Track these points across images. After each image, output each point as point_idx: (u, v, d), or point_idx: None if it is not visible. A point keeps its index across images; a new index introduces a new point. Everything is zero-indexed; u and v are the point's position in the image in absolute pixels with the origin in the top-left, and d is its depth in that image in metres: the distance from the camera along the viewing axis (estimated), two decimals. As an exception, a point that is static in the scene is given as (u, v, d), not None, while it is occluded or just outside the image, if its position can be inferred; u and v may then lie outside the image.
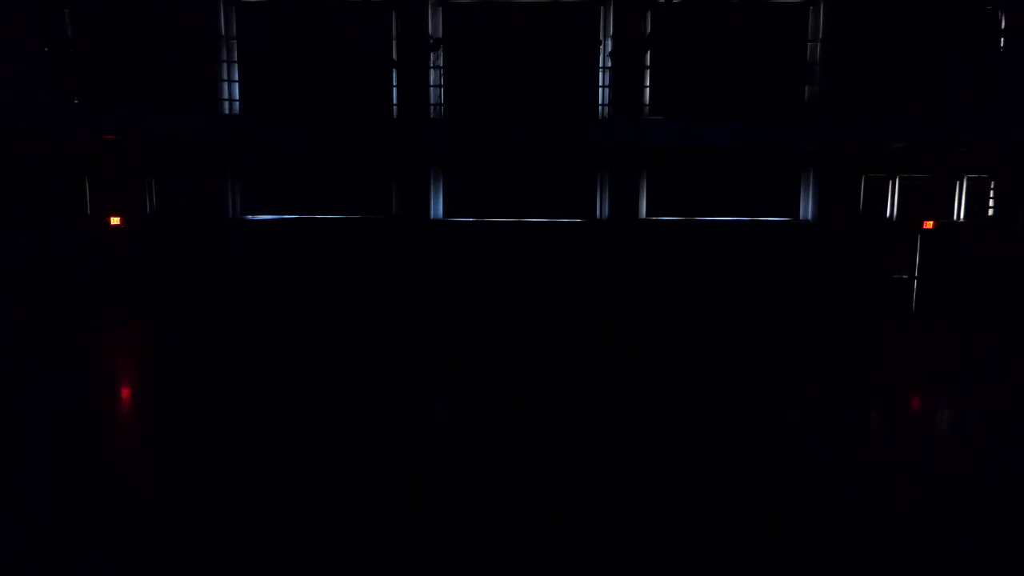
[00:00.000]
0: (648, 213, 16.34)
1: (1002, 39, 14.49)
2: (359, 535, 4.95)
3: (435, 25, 15.64)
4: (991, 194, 16.06)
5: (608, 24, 15.67)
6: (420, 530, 4.99)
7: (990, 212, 16.05)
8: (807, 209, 16.27)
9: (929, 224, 15.64)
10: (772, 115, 14.66)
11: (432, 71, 15.55)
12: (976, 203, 16.12)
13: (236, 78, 15.90)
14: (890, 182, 16.16)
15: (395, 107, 15.88)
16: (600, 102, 15.80)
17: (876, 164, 15.72)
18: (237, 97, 15.84)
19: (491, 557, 4.60)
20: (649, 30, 15.13)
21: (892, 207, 16.22)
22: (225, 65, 15.71)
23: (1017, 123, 12.35)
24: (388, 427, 8.40)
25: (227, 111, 15.74)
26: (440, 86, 15.76)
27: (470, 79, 15.74)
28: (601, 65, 15.79)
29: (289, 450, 7.25)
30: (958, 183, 16.07)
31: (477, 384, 10.57)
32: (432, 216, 16.24)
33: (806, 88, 15.72)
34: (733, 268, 15.92)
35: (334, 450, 7.38)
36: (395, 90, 15.83)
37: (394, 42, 15.67)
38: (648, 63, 15.50)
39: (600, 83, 15.77)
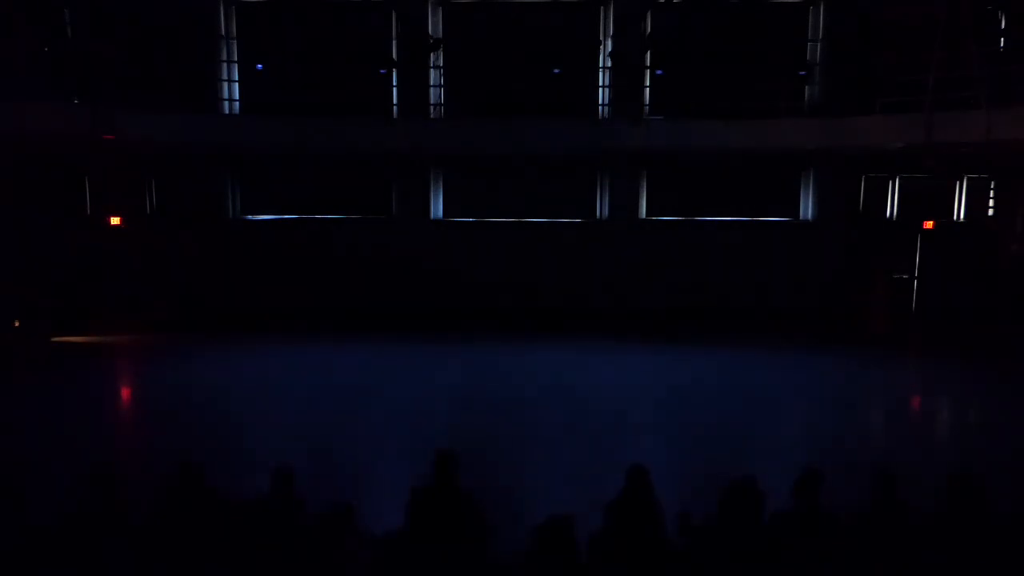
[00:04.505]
0: (648, 213, 16.31)
1: (1002, 39, 14.47)
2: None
3: (435, 25, 15.62)
4: (991, 194, 16.04)
5: (608, 24, 15.64)
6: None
7: (990, 212, 16.04)
8: (807, 209, 16.25)
9: (929, 224, 15.61)
10: (772, 115, 14.63)
11: (432, 71, 15.53)
12: (976, 203, 16.10)
13: (236, 78, 15.88)
14: (890, 182, 16.14)
15: (395, 107, 15.86)
16: (600, 102, 15.78)
17: (876, 164, 15.69)
18: (237, 97, 15.82)
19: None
20: (649, 30, 15.10)
21: (892, 207, 16.20)
22: (225, 65, 15.69)
23: (1017, 122, 12.31)
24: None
25: (227, 111, 15.71)
26: (440, 86, 15.74)
27: (470, 79, 15.71)
28: (601, 65, 15.77)
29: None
30: (958, 183, 16.06)
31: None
32: (432, 216, 16.21)
33: (806, 88, 15.70)
34: (732, 268, 15.89)
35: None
36: (395, 90, 15.81)
37: (394, 42, 15.64)
38: (648, 63, 15.47)
39: (600, 83, 15.75)
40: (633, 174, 16.09)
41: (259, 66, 16.05)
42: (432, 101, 15.69)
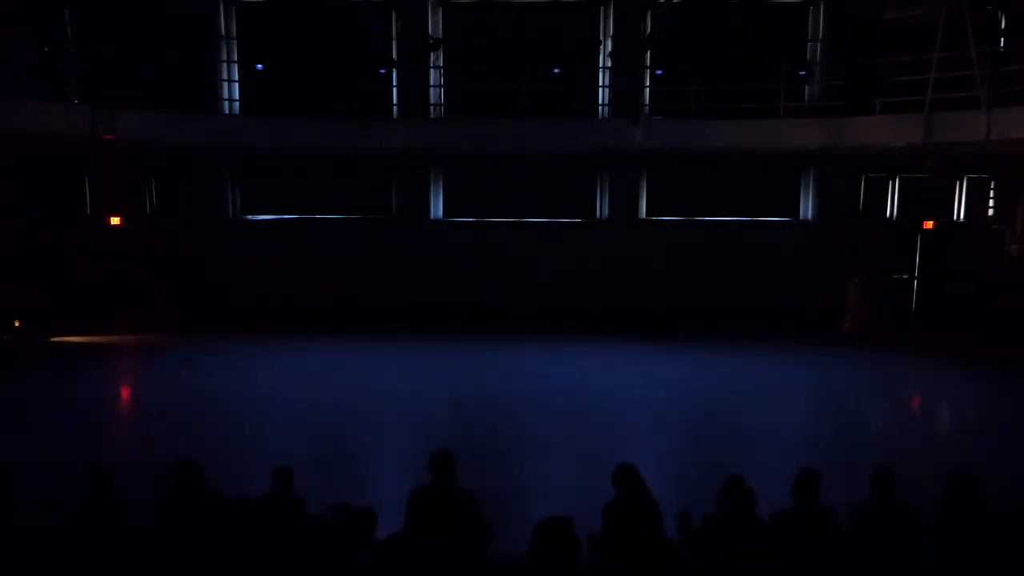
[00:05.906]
0: (648, 213, 16.31)
1: (1002, 39, 14.45)
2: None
3: (435, 25, 15.61)
4: (991, 194, 16.03)
5: (608, 24, 15.64)
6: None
7: (990, 212, 16.02)
8: (807, 209, 16.24)
9: (929, 224, 15.59)
10: (772, 115, 14.61)
11: (432, 71, 15.52)
12: (976, 203, 16.09)
13: (236, 78, 15.87)
14: (890, 182, 16.12)
15: (395, 107, 15.85)
16: (600, 102, 15.77)
17: (876, 164, 15.68)
18: (237, 97, 15.81)
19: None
20: (649, 30, 15.10)
21: (892, 207, 16.19)
22: (225, 65, 15.68)
23: (1017, 122, 12.31)
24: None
25: (227, 111, 15.71)
26: (440, 86, 15.73)
27: (470, 79, 15.70)
28: (601, 65, 15.76)
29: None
30: (958, 183, 16.04)
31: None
32: (432, 216, 16.21)
33: (806, 88, 15.69)
34: (732, 268, 15.88)
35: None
36: (395, 90, 15.80)
37: (394, 42, 15.63)
38: (648, 63, 15.46)
39: (600, 83, 15.74)
40: (633, 174, 16.08)
41: (259, 66, 16.05)
42: (432, 101, 15.68)
